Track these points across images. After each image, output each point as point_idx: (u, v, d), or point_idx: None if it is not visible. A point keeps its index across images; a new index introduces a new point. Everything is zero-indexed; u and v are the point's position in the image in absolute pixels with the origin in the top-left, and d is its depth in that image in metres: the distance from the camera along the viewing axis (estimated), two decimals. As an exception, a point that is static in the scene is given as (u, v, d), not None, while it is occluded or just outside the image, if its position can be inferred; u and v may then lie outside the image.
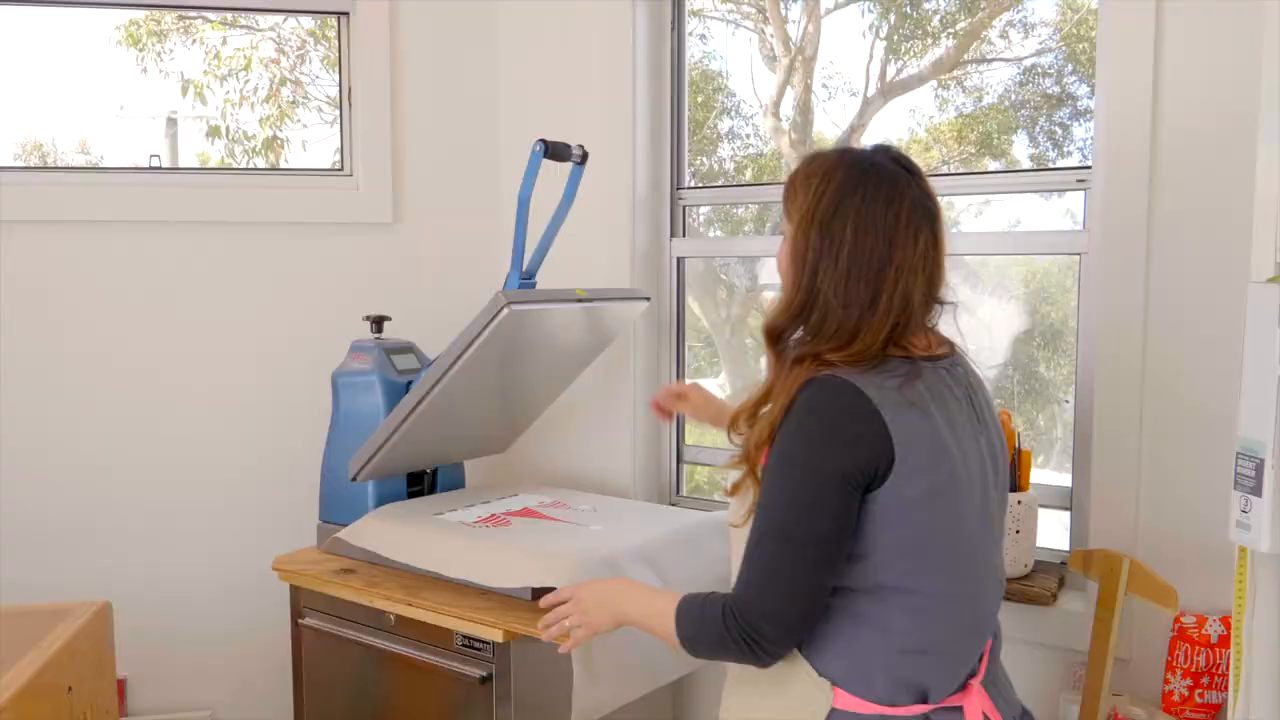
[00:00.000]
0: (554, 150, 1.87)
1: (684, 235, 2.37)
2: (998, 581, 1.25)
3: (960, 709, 1.18)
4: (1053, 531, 1.91)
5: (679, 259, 2.35)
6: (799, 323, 1.18)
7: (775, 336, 1.20)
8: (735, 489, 1.22)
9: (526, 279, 1.93)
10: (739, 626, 1.13)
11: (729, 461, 1.23)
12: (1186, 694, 1.62)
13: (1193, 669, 1.61)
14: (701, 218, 2.46)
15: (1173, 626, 1.64)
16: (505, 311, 1.70)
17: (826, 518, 1.10)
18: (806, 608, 1.13)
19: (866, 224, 1.14)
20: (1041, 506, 1.82)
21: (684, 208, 2.36)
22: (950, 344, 1.25)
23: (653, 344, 2.34)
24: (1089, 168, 1.81)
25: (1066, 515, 1.89)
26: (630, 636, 1.40)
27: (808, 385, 1.13)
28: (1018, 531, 1.78)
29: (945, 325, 1.25)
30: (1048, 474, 2.00)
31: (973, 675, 1.20)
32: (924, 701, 1.16)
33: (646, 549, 1.74)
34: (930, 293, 1.19)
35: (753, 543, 1.14)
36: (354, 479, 1.93)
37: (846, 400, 1.10)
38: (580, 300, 1.87)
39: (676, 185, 2.34)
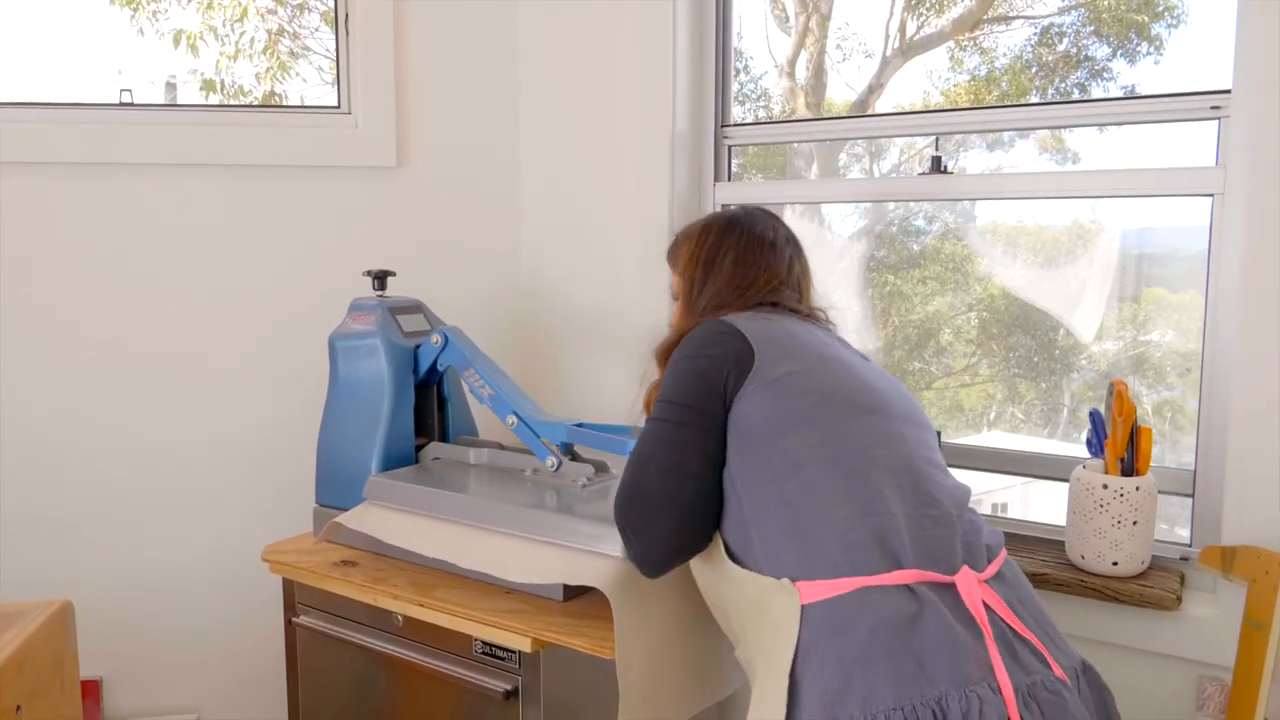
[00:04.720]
0: None
1: (729, 179, 2.10)
2: (940, 468, 1.19)
3: (953, 586, 1.05)
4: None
5: (723, 206, 2.08)
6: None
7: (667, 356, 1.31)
8: None
9: None
10: (620, 514, 1.21)
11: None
12: (1347, 718, 1.37)
13: (1357, 690, 1.36)
14: (736, 166, 2.19)
15: (1328, 638, 1.38)
16: None
17: (687, 407, 1.19)
18: (673, 491, 1.17)
19: (745, 254, 1.34)
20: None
21: (729, 148, 2.09)
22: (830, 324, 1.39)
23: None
24: (1226, 92, 1.54)
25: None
26: (679, 654, 1.33)
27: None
28: (1135, 523, 1.52)
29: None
30: (1054, 444, 1.90)
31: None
32: (899, 567, 1.04)
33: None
34: (798, 299, 1.37)
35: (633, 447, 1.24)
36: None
37: (710, 325, 1.25)
38: None
39: (721, 123, 2.06)
